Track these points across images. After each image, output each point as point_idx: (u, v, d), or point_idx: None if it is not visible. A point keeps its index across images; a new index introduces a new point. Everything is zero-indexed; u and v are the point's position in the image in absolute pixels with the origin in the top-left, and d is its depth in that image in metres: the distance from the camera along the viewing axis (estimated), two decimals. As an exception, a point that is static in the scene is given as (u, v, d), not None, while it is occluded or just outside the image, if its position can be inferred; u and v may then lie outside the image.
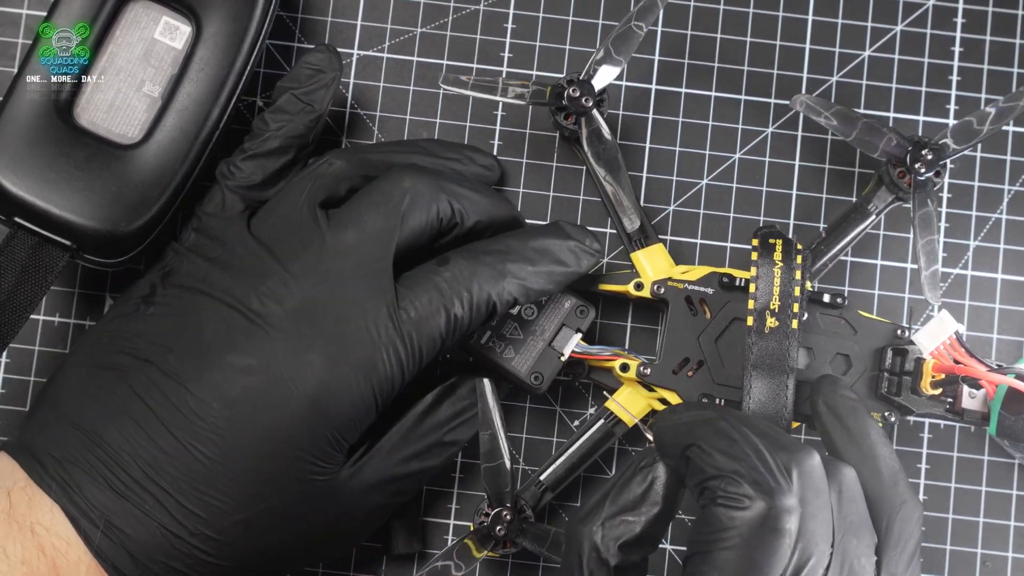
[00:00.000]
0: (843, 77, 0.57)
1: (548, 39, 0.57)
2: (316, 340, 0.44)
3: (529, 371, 0.51)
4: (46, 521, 0.43)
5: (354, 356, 0.44)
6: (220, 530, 0.44)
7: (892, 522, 0.42)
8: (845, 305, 0.52)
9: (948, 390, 0.50)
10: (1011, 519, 0.55)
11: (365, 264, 0.46)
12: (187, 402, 0.44)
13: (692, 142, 0.57)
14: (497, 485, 0.49)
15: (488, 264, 0.47)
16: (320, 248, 0.46)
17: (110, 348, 0.46)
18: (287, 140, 0.50)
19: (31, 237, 0.48)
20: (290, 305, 0.45)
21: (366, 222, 0.47)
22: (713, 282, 0.52)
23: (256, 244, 0.47)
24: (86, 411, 0.45)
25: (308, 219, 0.47)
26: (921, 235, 0.51)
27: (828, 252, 0.54)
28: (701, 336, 0.52)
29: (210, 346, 0.45)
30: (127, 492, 0.43)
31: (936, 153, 0.51)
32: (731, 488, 0.38)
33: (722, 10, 0.58)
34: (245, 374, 0.44)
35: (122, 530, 0.43)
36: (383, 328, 0.45)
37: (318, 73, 0.51)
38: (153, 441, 0.44)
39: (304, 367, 0.44)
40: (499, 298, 0.47)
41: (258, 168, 0.50)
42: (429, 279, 0.46)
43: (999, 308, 0.56)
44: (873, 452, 0.44)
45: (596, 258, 0.51)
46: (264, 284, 0.46)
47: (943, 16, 0.58)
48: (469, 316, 0.46)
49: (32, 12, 0.56)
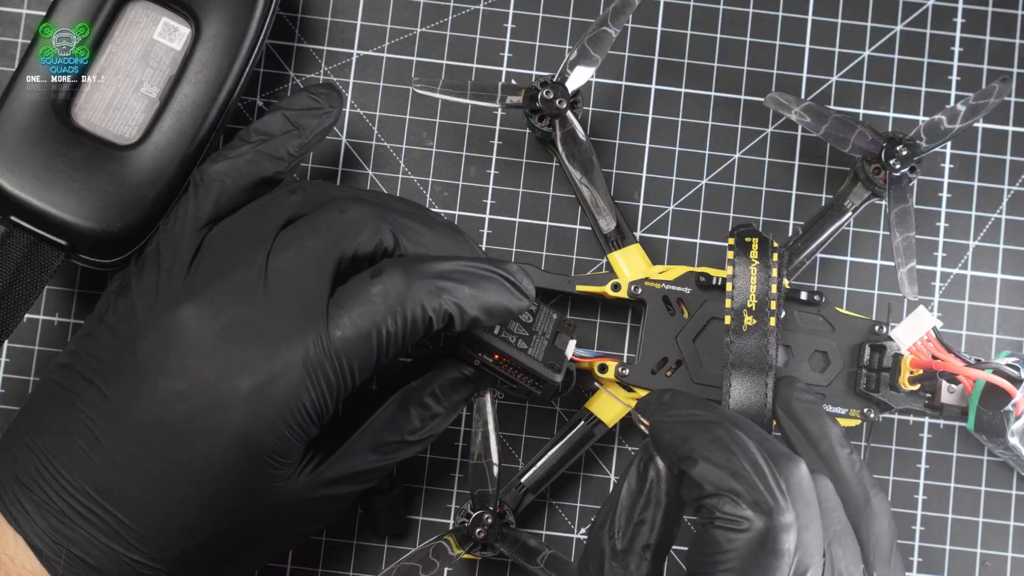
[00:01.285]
0: (843, 77, 0.57)
1: (548, 39, 0.57)
2: (245, 364, 0.43)
3: (544, 362, 0.50)
4: (10, 551, 0.43)
5: (284, 381, 0.43)
6: (182, 553, 0.43)
7: (866, 524, 0.42)
8: (823, 302, 0.52)
9: (926, 385, 0.51)
10: (1011, 519, 0.55)
11: (300, 287, 0.44)
12: (127, 430, 0.43)
13: (692, 142, 0.57)
14: (482, 487, 0.50)
15: (423, 278, 0.45)
16: (257, 269, 0.45)
17: (67, 364, 0.45)
18: (262, 156, 0.48)
19: (27, 236, 0.49)
20: (220, 324, 0.44)
21: (305, 246, 0.45)
22: (690, 281, 0.52)
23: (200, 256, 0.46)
24: (42, 434, 0.44)
25: (257, 242, 0.46)
26: (898, 231, 0.51)
27: (805, 249, 0.54)
28: (679, 336, 0.52)
29: (146, 368, 0.43)
30: (82, 522, 0.43)
31: (911, 149, 0.51)
32: (729, 508, 0.38)
33: (721, 10, 0.57)
34: (179, 400, 0.43)
35: (83, 560, 0.43)
36: (312, 351, 0.43)
37: (317, 104, 0.50)
38: (101, 471, 0.43)
39: (234, 393, 0.43)
40: (435, 313, 0.44)
41: (227, 176, 0.48)
42: (361, 293, 0.44)
43: (999, 308, 0.56)
44: (832, 454, 0.44)
45: (526, 303, 0.48)
46: (199, 299, 0.44)
47: (943, 16, 0.58)
48: (404, 331, 0.44)
49: (32, 12, 0.57)
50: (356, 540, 0.54)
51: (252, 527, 0.45)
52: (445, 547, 0.50)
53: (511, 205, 0.56)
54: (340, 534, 0.54)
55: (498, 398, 0.55)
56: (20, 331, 0.55)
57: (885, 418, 0.55)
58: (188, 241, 0.46)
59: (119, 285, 0.47)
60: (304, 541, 0.54)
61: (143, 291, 0.45)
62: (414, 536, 0.55)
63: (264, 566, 0.54)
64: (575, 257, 0.56)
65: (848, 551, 0.41)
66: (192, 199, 0.47)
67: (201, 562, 0.44)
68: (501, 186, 0.56)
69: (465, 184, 0.56)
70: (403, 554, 0.50)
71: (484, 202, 0.56)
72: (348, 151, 0.56)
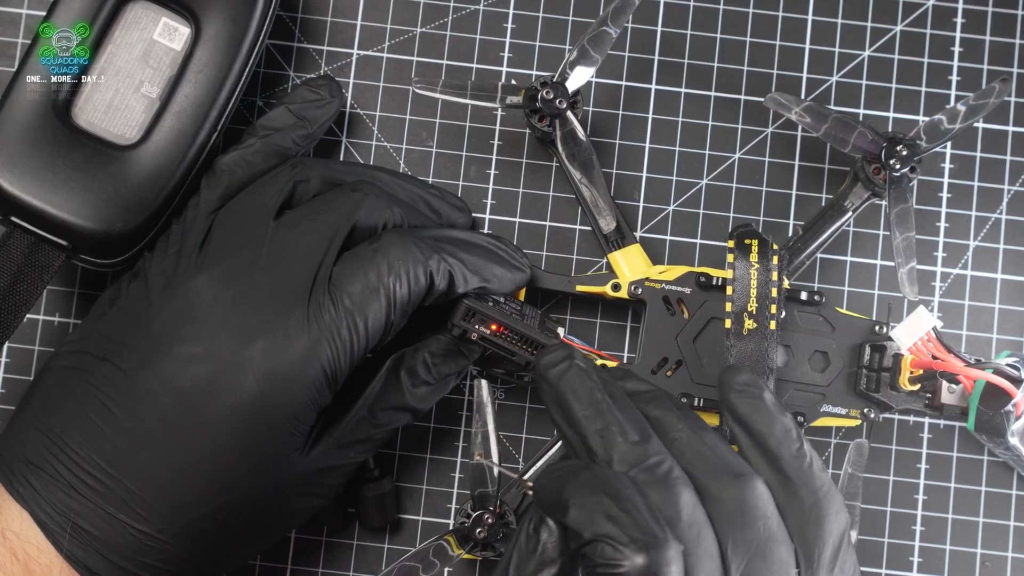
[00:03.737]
0: (843, 77, 0.57)
1: (548, 39, 0.57)
2: (259, 327, 0.44)
3: (541, 330, 0.50)
4: (16, 527, 0.43)
5: (298, 342, 0.44)
6: (188, 525, 0.44)
7: (813, 527, 0.41)
8: (823, 302, 0.52)
9: (926, 385, 0.51)
10: (1011, 519, 0.55)
11: (309, 255, 0.46)
12: (139, 397, 0.44)
13: (692, 142, 0.57)
14: (482, 487, 0.50)
15: (421, 240, 0.47)
16: (267, 240, 0.46)
17: (76, 350, 0.46)
18: (270, 148, 0.50)
19: (27, 237, 0.49)
20: (234, 292, 0.45)
21: (317, 220, 0.47)
22: (690, 281, 0.52)
23: (210, 235, 0.47)
24: (51, 415, 0.45)
25: (264, 215, 0.47)
26: (899, 231, 0.51)
27: (805, 250, 0.54)
28: (679, 336, 0.52)
29: (159, 337, 0.44)
30: (90, 493, 0.43)
31: (911, 149, 0.52)
32: (608, 553, 0.37)
33: (722, 10, 0.57)
34: (193, 363, 0.44)
35: (90, 532, 0.43)
36: (324, 311, 0.44)
37: (318, 96, 0.52)
38: (111, 440, 0.43)
39: (249, 352, 0.44)
40: (436, 269, 0.46)
41: (236, 166, 0.50)
42: (365, 255, 0.46)
43: (999, 308, 0.56)
44: (776, 455, 0.42)
45: (525, 273, 0.50)
46: (211, 272, 0.45)
47: (943, 16, 0.58)
48: (409, 289, 0.46)
49: (32, 12, 0.57)
50: (356, 540, 0.54)
51: (259, 501, 0.45)
52: (445, 547, 0.50)
53: (511, 205, 0.56)
54: (340, 534, 0.54)
55: (498, 398, 0.55)
56: (20, 331, 0.55)
57: (885, 418, 0.55)
58: (199, 224, 0.48)
59: (131, 272, 0.48)
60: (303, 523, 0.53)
61: (157, 272, 0.46)
62: (414, 536, 0.55)
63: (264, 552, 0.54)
64: (575, 257, 0.56)
65: (774, 562, 0.40)
66: (203, 189, 0.49)
67: (206, 537, 0.44)
68: (501, 186, 0.56)
69: (465, 184, 0.56)
70: (403, 554, 0.50)
71: (484, 202, 0.56)
72: (348, 151, 0.56)
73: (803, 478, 0.42)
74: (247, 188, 0.49)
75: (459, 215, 0.54)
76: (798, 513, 0.41)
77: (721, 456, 0.42)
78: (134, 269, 0.48)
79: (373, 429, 0.48)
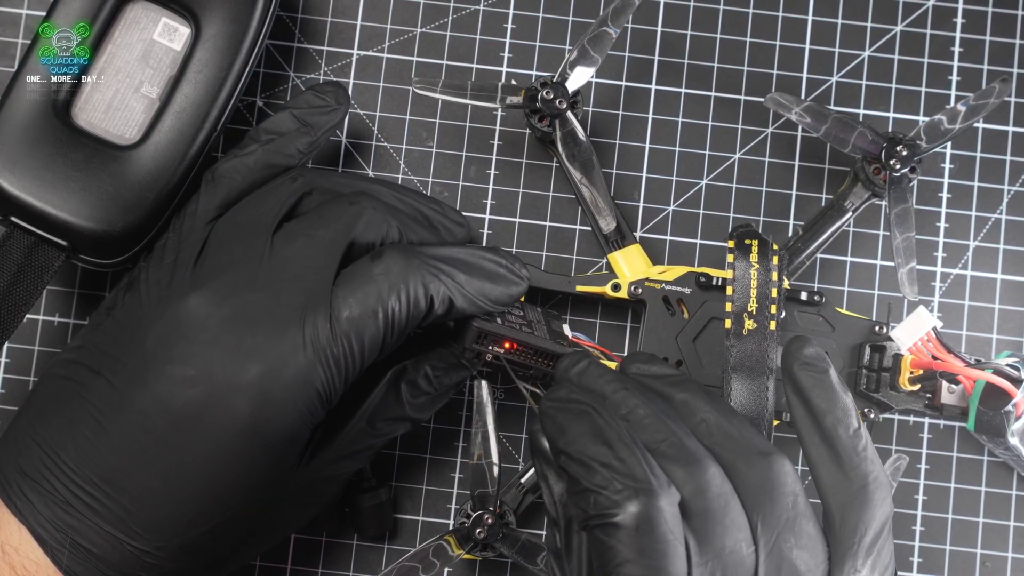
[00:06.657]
0: (843, 77, 0.57)
1: (548, 39, 0.57)
2: (253, 349, 0.43)
3: (551, 337, 0.50)
4: (14, 541, 0.43)
5: (293, 363, 0.43)
6: (186, 542, 0.43)
7: (855, 510, 0.41)
8: (823, 303, 0.52)
9: (926, 386, 0.51)
10: (1011, 519, 0.55)
11: (306, 273, 0.45)
12: (132, 416, 0.43)
13: (692, 142, 0.57)
14: (482, 487, 0.50)
15: (423, 261, 0.46)
16: (264, 256, 0.45)
17: (73, 359, 0.45)
18: (272, 154, 0.49)
19: (27, 237, 0.49)
20: (227, 311, 0.44)
21: (314, 235, 0.46)
22: (690, 282, 0.52)
23: (207, 247, 0.46)
24: (47, 427, 0.44)
25: (262, 230, 0.46)
26: (899, 231, 0.51)
27: (805, 250, 0.54)
28: (679, 336, 0.52)
29: (153, 355, 0.44)
30: (87, 511, 0.43)
31: (911, 149, 0.52)
32: (601, 503, 0.37)
33: (721, 10, 0.57)
34: (187, 386, 0.43)
35: (88, 549, 0.43)
36: (320, 332, 0.44)
37: (323, 102, 0.51)
38: (105, 458, 0.43)
39: (243, 377, 0.43)
40: (436, 293, 0.45)
41: (236, 172, 0.49)
42: (364, 274, 0.45)
43: (999, 308, 0.56)
44: (832, 433, 0.42)
45: (524, 287, 0.49)
46: (206, 288, 0.44)
47: (943, 16, 0.58)
48: (407, 310, 0.45)
49: (32, 12, 0.57)
50: (356, 540, 0.54)
51: (257, 516, 0.45)
52: (445, 547, 0.50)
53: (511, 205, 0.56)
54: (340, 535, 0.54)
55: (498, 398, 0.55)
56: (20, 331, 0.55)
57: (885, 418, 0.55)
58: (197, 235, 0.47)
59: (127, 281, 0.47)
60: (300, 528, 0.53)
61: (152, 284, 0.46)
62: (414, 536, 0.55)
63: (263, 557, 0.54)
64: (575, 257, 0.56)
65: (802, 539, 0.40)
66: (202, 195, 0.48)
67: (205, 551, 0.44)
68: (501, 186, 0.56)
69: (465, 184, 0.56)
70: (403, 554, 0.50)
71: (484, 202, 0.56)
72: (348, 151, 0.56)
73: (855, 461, 0.41)
74: (246, 199, 0.48)
75: (458, 230, 0.52)
76: (844, 494, 0.41)
77: (748, 437, 0.42)
78: (130, 278, 0.47)
79: (371, 439, 0.48)
